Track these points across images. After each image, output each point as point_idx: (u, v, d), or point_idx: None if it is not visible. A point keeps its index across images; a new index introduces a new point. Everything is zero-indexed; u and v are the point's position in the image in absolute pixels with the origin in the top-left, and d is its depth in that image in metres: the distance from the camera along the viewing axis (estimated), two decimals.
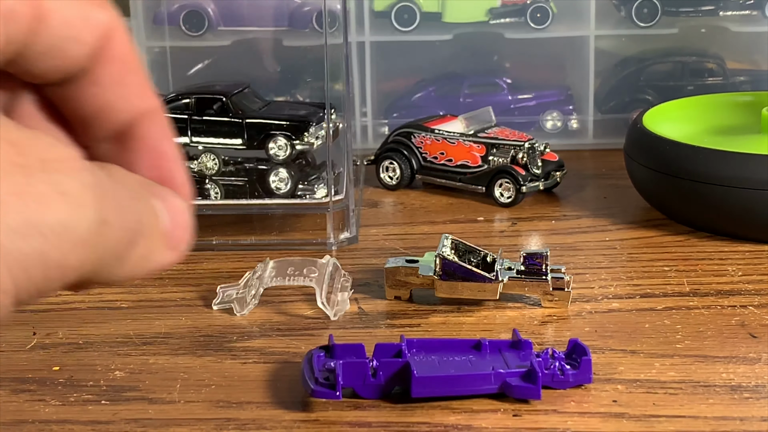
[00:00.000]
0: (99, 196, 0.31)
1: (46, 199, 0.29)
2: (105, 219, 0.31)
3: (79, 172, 0.30)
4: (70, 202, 0.29)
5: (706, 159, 0.67)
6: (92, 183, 0.31)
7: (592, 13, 0.89)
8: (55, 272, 0.30)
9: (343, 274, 0.61)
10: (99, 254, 0.32)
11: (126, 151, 0.39)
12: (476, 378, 0.47)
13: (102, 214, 0.31)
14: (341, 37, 0.70)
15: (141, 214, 0.34)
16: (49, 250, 0.29)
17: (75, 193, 0.30)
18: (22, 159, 0.29)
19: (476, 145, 0.79)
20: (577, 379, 0.48)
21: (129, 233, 0.33)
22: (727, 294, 0.60)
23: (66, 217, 0.29)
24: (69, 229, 0.29)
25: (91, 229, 0.30)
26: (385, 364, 0.48)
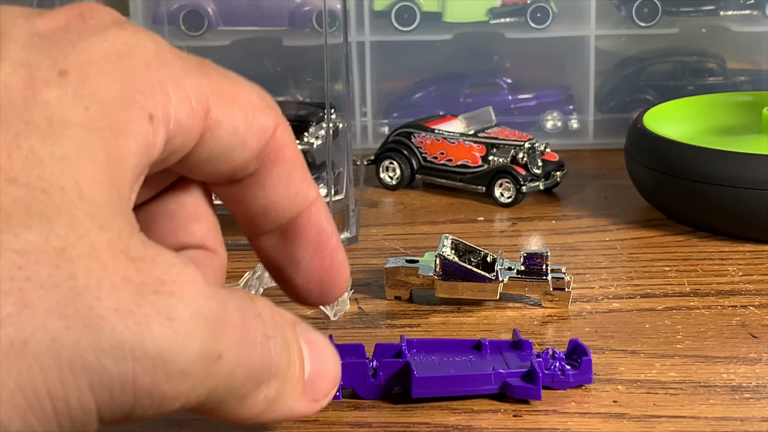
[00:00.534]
0: (215, 328, 0.29)
1: (149, 322, 0.27)
2: (219, 353, 0.29)
3: (198, 298, 0.29)
4: (175, 329, 0.28)
5: (706, 159, 0.67)
6: (210, 313, 0.29)
7: (593, 13, 0.89)
8: (146, 399, 0.28)
9: None
10: (209, 388, 0.30)
11: (289, 242, 0.39)
12: (476, 378, 0.47)
13: (216, 348, 0.29)
14: (341, 37, 0.70)
15: (275, 355, 0.32)
16: (140, 376, 0.28)
17: (184, 321, 0.28)
18: (138, 276, 0.28)
19: (476, 145, 0.79)
20: (578, 379, 0.48)
21: (254, 372, 0.31)
22: (727, 294, 0.60)
23: (166, 345, 0.28)
24: (167, 358, 0.28)
25: (196, 363, 0.29)
26: (385, 364, 0.48)
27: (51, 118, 0.28)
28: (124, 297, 0.27)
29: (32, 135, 0.27)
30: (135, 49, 0.31)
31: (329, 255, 0.39)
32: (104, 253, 0.27)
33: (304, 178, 0.38)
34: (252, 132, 0.35)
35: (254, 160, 0.36)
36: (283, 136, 0.36)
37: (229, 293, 0.31)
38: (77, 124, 0.28)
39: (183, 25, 0.84)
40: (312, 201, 0.38)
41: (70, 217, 0.27)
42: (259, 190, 0.37)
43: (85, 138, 0.28)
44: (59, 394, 0.26)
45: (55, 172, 0.27)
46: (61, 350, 0.26)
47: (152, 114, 0.30)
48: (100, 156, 0.28)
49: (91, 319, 0.26)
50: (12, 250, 0.25)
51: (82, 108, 0.28)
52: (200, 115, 0.33)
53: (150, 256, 0.28)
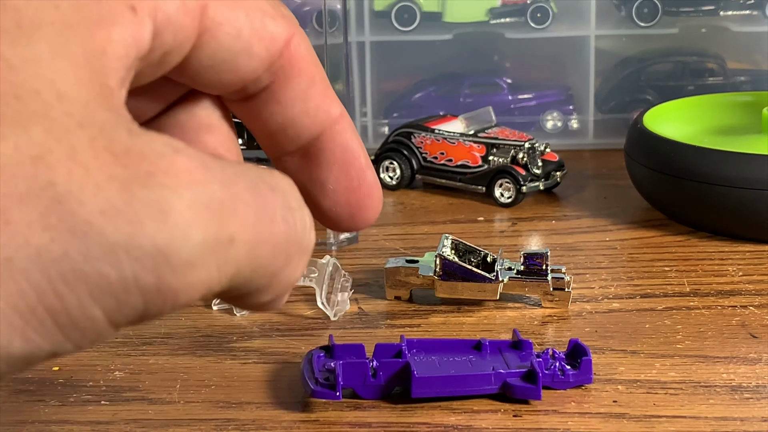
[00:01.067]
0: (219, 212, 0.28)
1: (140, 218, 0.26)
2: (231, 236, 0.28)
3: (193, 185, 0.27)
4: (170, 222, 0.26)
5: (706, 159, 0.67)
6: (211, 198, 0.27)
7: (592, 13, 0.89)
8: (156, 297, 0.27)
9: (343, 274, 0.61)
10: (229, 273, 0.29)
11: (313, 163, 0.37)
12: (477, 378, 0.47)
13: (224, 232, 0.28)
14: (341, 37, 0.70)
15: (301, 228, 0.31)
16: (141, 277, 0.26)
17: (180, 212, 0.27)
18: (124, 172, 0.26)
19: (476, 145, 0.79)
20: (578, 379, 0.48)
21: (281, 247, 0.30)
22: (727, 294, 0.60)
23: (164, 239, 0.26)
24: (168, 253, 0.26)
25: (203, 250, 0.27)
26: (385, 364, 0.48)
27: (20, 22, 0.26)
28: (109, 197, 0.26)
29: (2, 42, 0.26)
30: None
31: (356, 175, 0.37)
32: (85, 153, 0.26)
33: (325, 93, 0.35)
34: (259, 38, 0.33)
35: (265, 73, 0.34)
36: (299, 47, 0.34)
37: (240, 170, 0.29)
38: (48, 24, 0.27)
39: None
40: (335, 118, 0.36)
41: (46, 120, 0.26)
42: (275, 106, 0.35)
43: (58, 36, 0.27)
44: (57, 307, 0.25)
45: (28, 76, 0.26)
46: (50, 264, 0.25)
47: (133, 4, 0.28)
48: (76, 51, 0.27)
49: (76, 225, 0.25)
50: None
51: (51, 7, 0.27)
52: (195, 11, 0.31)
53: (137, 148, 0.27)
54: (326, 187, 0.37)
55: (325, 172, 0.37)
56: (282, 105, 0.35)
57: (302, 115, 0.35)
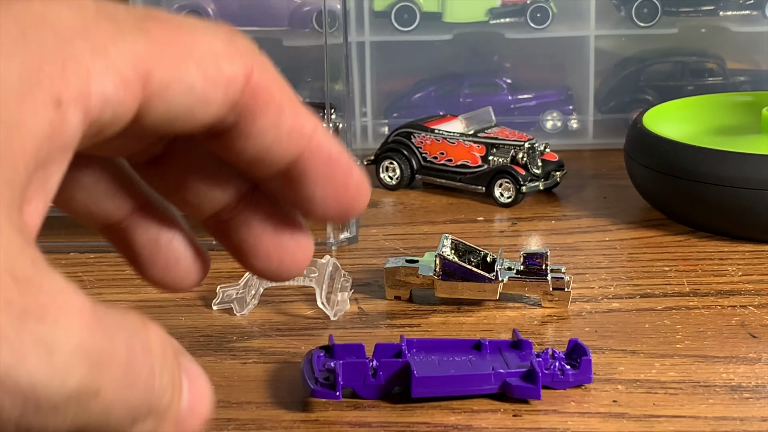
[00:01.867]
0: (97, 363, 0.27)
1: (25, 351, 0.25)
2: (98, 389, 0.27)
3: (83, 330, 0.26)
4: (53, 363, 0.25)
5: (706, 159, 0.67)
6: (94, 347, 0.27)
7: (592, 13, 0.89)
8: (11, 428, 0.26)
9: (343, 274, 0.61)
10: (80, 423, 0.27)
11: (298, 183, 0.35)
12: (476, 378, 0.47)
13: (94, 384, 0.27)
14: (341, 37, 0.70)
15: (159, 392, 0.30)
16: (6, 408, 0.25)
17: (64, 354, 0.26)
18: (20, 299, 0.25)
19: (476, 145, 0.79)
20: (577, 379, 0.48)
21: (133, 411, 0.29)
22: (727, 294, 0.60)
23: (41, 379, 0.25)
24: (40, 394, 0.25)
25: (71, 398, 0.26)
26: (385, 364, 0.48)
27: None
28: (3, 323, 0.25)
29: None
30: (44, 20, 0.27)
31: (343, 182, 0.35)
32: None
33: (295, 116, 0.34)
34: (214, 85, 0.31)
35: (229, 113, 0.32)
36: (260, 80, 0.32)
37: (120, 322, 0.28)
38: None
39: None
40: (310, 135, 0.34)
41: None
42: (245, 141, 0.33)
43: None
44: None
45: None
46: None
47: (60, 98, 0.27)
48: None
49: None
50: None
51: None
52: (134, 83, 0.29)
53: (37, 279, 0.26)
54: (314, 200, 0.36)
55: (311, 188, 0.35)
56: (253, 139, 0.33)
57: (276, 144, 0.34)
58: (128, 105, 0.29)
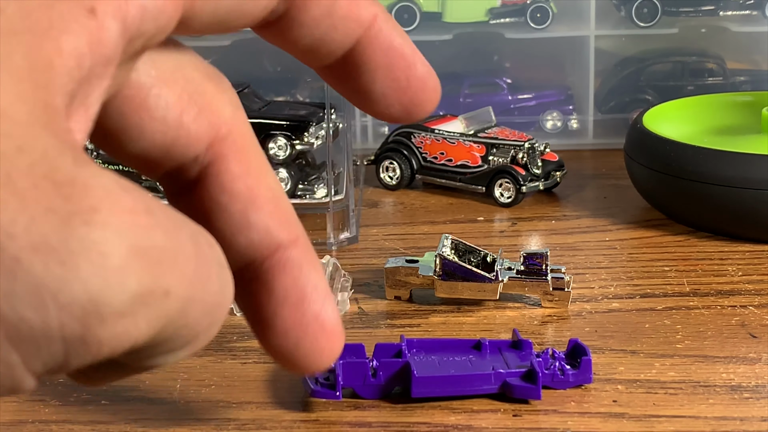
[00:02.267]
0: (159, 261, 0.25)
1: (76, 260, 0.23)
2: (167, 289, 0.25)
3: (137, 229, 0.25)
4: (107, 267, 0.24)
5: (706, 159, 0.67)
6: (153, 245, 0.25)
7: (592, 13, 0.89)
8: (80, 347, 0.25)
9: (343, 274, 0.61)
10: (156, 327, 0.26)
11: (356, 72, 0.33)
12: (476, 378, 0.47)
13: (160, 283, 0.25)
14: None
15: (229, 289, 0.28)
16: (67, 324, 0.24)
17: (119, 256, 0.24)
18: (65, 205, 0.23)
19: (476, 145, 0.79)
20: (578, 379, 0.48)
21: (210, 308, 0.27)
22: (727, 294, 0.60)
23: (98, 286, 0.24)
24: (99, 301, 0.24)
25: (136, 300, 0.25)
26: (385, 364, 0.48)
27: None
28: (45, 232, 0.23)
29: None
30: None
31: (404, 75, 0.33)
32: (23, 181, 0.23)
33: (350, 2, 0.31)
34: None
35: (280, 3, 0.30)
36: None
37: (182, 220, 0.26)
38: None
39: None
40: (368, 22, 0.32)
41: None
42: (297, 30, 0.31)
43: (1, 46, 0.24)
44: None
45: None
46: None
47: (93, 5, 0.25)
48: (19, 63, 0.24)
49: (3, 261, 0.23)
50: None
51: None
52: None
53: (82, 180, 0.24)
54: (374, 94, 0.33)
55: (369, 80, 0.33)
56: (306, 27, 0.32)
57: (330, 32, 0.32)
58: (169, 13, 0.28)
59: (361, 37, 0.32)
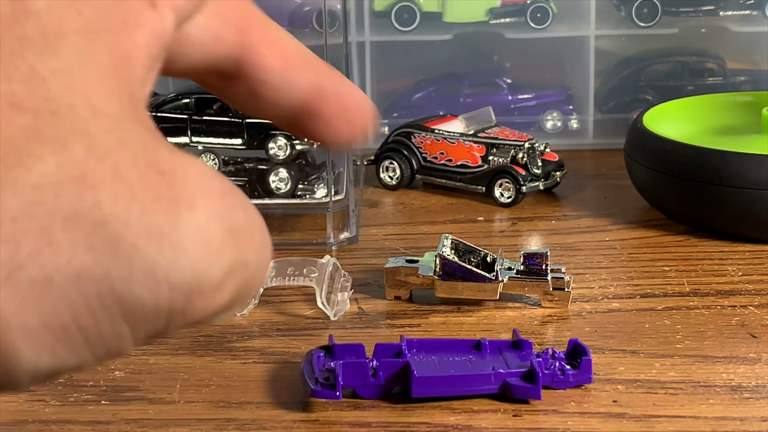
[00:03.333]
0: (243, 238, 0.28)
1: (184, 243, 0.25)
2: (247, 260, 0.28)
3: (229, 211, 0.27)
4: (209, 247, 0.26)
5: (706, 159, 0.67)
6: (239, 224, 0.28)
7: (592, 13, 0.89)
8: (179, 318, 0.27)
9: (343, 274, 0.61)
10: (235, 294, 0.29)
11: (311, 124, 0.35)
12: (476, 378, 0.47)
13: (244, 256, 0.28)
14: (341, 37, 0.70)
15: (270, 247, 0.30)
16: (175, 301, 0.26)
17: (218, 237, 0.26)
18: (170, 192, 0.26)
19: (476, 145, 0.79)
20: (578, 379, 0.48)
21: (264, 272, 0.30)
22: (727, 294, 0.60)
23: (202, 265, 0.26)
24: (202, 279, 0.26)
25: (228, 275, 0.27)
26: (385, 364, 0.48)
27: (45, 30, 0.26)
28: (156, 219, 0.25)
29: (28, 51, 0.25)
30: None
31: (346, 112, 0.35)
32: (130, 172, 0.25)
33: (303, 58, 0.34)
34: None
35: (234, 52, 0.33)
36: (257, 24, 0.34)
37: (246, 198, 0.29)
38: (73, 31, 0.26)
39: None
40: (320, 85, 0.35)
41: (86, 137, 0.25)
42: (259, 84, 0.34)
43: (84, 44, 0.26)
44: (89, 325, 0.25)
45: (60, 89, 0.25)
46: (90, 284, 0.25)
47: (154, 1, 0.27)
48: (104, 60, 0.26)
49: (121, 247, 0.25)
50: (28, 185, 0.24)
51: (75, 13, 0.26)
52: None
53: (181, 168, 0.26)
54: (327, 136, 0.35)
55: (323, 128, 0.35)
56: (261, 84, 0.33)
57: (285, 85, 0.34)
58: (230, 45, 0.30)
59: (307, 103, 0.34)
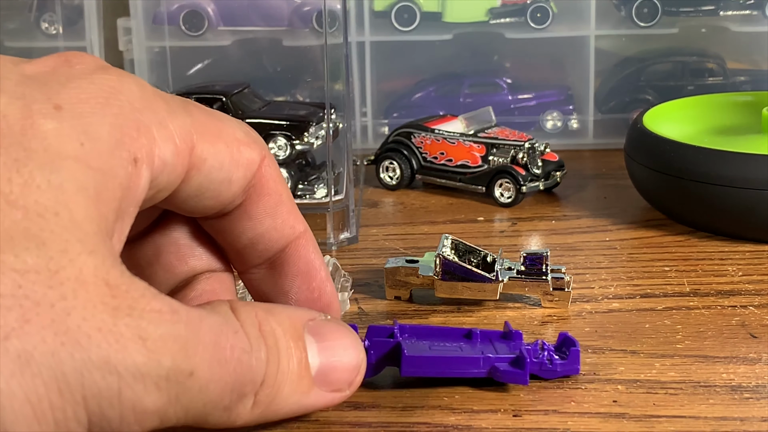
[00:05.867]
0: (185, 348, 0.32)
1: (125, 341, 0.30)
2: (191, 370, 0.32)
3: (165, 323, 0.31)
4: (147, 347, 0.30)
5: (706, 159, 0.67)
6: (179, 334, 0.31)
7: (592, 13, 0.89)
8: (130, 413, 0.30)
9: (343, 274, 0.61)
10: (184, 403, 0.32)
11: (278, 275, 0.41)
12: (466, 361, 0.48)
13: (187, 365, 0.32)
14: (341, 37, 0.70)
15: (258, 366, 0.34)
16: (124, 390, 0.30)
17: (154, 340, 0.30)
18: (113, 301, 0.30)
19: (476, 145, 0.79)
20: (565, 369, 0.49)
21: (232, 386, 0.34)
22: (727, 294, 0.60)
23: (141, 361, 0.30)
24: (143, 373, 0.30)
25: (169, 378, 0.31)
26: (377, 343, 0.48)
27: (48, 148, 0.30)
28: (104, 318, 0.29)
29: (31, 162, 0.29)
30: (120, 91, 0.33)
31: (317, 287, 0.41)
32: (89, 278, 0.29)
33: (291, 210, 0.40)
34: (237, 166, 0.37)
35: (241, 193, 0.38)
36: (268, 168, 0.38)
37: (206, 314, 0.33)
38: (72, 158, 0.30)
39: (183, 25, 0.84)
40: (300, 234, 0.40)
41: (62, 241, 0.29)
42: (246, 222, 0.39)
43: (79, 172, 0.30)
44: (59, 404, 0.28)
45: (50, 198, 0.29)
46: (60, 364, 0.28)
47: (137, 157, 0.32)
48: (91, 191, 0.30)
49: (81, 336, 0.29)
50: (13, 269, 0.28)
51: (77, 143, 0.31)
52: (185, 153, 0.34)
53: (125, 285, 0.31)
54: (289, 297, 0.41)
55: (289, 282, 0.41)
56: (253, 221, 0.39)
57: (271, 230, 0.39)
58: (178, 171, 0.35)
59: (291, 243, 0.40)
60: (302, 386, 0.37)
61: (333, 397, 0.38)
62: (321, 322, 0.38)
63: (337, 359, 0.38)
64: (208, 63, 0.86)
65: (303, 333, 0.36)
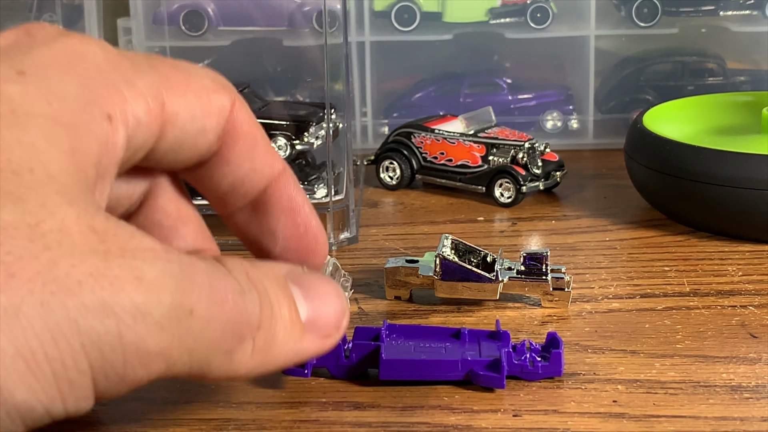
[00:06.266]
0: (182, 286, 0.31)
1: (121, 282, 0.29)
2: (191, 308, 0.31)
3: (160, 260, 0.31)
4: (145, 286, 0.30)
5: (706, 159, 0.67)
6: (175, 272, 0.31)
7: (592, 13, 0.89)
8: (134, 356, 0.30)
9: (343, 274, 0.61)
10: (188, 344, 0.32)
11: (262, 215, 0.41)
12: (444, 364, 0.48)
13: (186, 302, 0.31)
14: (341, 37, 0.70)
15: (252, 308, 0.34)
16: (124, 332, 0.29)
17: (151, 279, 0.30)
18: (102, 245, 0.30)
19: (476, 145, 0.79)
20: (547, 371, 0.49)
21: (231, 326, 0.33)
22: (727, 294, 0.60)
23: (140, 300, 0.30)
24: (144, 312, 0.30)
25: (171, 316, 0.31)
26: (358, 346, 0.49)
27: (16, 110, 0.29)
28: (95, 263, 0.29)
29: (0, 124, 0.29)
30: (85, 54, 0.33)
31: (303, 222, 0.41)
32: (73, 227, 0.29)
33: (267, 150, 0.40)
34: (210, 115, 0.37)
35: (216, 140, 0.38)
36: (240, 112, 0.38)
37: (196, 258, 0.33)
38: (41, 116, 0.30)
39: (183, 25, 0.84)
40: (279, 172, 0.40)
41: (40, 195, 0.29)
42: (225, 167, 0.39)
43: (50, 129, 0.30)
44: (55, 355, 0.28)
45: (23, 155, 0.29)
46: (51, 313, 0.27)
47: (110, 114, 0.32)
48: (65, 147, 0.30)
49: (71, 283, 0.28)
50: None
51: (45, 102, 0.30)
52: (157, 110, 0.34)
53: (112, 230, 0.30)
54: (276, 236, 0.41)
55: (274, 221, 0.41)
56: (231, 165, 0.39)
57: (250, 173, 0.39)
58: (153, 129, 0.34)
59: (271, 182, 0.40)
60: (295, 332, 0.36)
61: (324, 343, 0.38)
62: (300, 273, 0.38)
63: (322, 305, 0.38)
64: (208, 63, 0.86)
65: (287, 283, 0.36)
